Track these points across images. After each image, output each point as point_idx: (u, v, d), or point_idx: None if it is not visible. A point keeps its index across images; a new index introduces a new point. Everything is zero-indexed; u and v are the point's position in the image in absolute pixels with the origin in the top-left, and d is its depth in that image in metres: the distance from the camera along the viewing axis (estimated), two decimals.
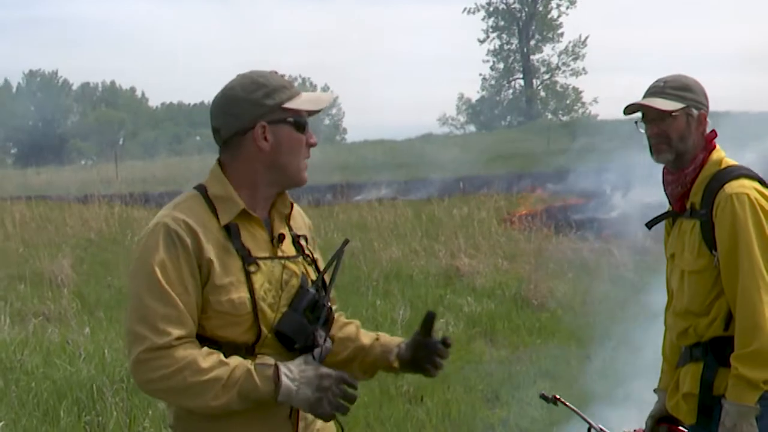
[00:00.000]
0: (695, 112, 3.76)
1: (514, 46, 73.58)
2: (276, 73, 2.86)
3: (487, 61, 75.55)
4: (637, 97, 3.83)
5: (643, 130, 3.83)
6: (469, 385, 8.25)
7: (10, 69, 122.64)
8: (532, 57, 73.62)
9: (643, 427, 4.11)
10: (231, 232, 2.73)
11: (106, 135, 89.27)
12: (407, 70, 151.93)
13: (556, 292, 11.35)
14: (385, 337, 3.17)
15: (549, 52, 74.94)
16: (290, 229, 2.90)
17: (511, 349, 9.56)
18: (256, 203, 2.81)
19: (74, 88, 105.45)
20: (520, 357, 9.29)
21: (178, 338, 2.61)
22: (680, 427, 3.93)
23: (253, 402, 2.61)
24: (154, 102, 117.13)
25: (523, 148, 39.65)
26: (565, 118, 69.36)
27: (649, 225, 4.09)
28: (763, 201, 3.62)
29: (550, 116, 71.39)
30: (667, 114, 3.71)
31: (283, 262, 2.79)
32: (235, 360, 2.63)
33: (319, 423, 2.84)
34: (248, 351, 2.69)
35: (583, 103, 75.43)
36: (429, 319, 3.06)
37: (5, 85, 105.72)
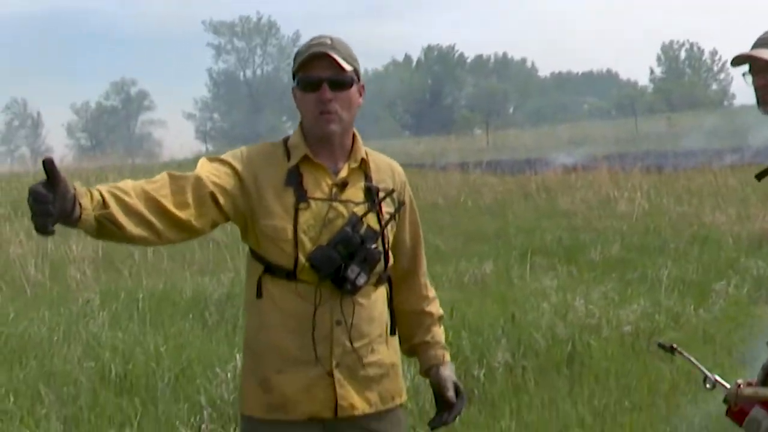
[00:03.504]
0: None
1: None
2: (319, 36, 3.29)
3: None
4: None
5: (750, 82, 3.88)
6: (730, 345, 8.18)
7: (411, 45, 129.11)
8: None
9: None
10: (290, 173, 3.24)
11: (492, 105, 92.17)
12: None
13: None
14: (427, 351, 3.53)
15: None
16: (368, 179, 3.32)
17: None
18: (326, 152, 3.28)
19: (468, 60, 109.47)
20: None
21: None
22: None
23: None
24: (543, 72, 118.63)
25: None
26: None
27: (759, 177, 4.08)
28: None
29: None
30: None
31: (331, 203, 3.22)
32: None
33: (374, 357, 3.28)
34: (290, 275, 3.20)
35: None
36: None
37: (406, 60, 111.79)
